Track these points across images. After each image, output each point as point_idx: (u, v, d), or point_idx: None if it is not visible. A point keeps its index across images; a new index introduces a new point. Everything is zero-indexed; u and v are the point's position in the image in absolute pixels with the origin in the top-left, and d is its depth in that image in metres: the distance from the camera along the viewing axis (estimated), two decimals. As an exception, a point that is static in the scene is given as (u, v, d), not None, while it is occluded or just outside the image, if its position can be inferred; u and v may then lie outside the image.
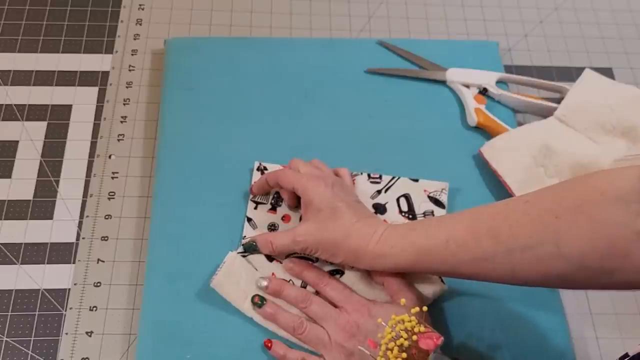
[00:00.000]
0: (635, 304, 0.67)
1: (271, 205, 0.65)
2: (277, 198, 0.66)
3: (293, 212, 0.65)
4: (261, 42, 0.79)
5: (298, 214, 0.65)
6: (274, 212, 0.65)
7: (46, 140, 0.73)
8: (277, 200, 0.66)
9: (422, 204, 0.67)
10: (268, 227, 0.65)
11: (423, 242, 0.54)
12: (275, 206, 0.65)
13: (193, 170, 0.69)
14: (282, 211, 0.65)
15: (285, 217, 0.65)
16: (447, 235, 0.53)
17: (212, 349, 0.60)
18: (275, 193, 0.66)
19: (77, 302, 0.63)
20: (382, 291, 0.60)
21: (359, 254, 0.56)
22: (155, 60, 0.79)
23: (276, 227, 0.64)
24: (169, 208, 0.66)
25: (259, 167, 0.67)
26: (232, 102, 0.74)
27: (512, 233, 0.50)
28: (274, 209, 0.65)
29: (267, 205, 0.65)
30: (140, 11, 0.82)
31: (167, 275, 0.63)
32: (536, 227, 0.49)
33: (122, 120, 0.74)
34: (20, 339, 0.61)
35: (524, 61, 0.83)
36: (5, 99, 0.75)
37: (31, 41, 0.79)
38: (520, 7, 0.88)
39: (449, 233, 0.53)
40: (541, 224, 0.48)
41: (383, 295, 0.60)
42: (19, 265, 0.65)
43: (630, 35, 0.86)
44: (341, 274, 0.62)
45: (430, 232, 0.54)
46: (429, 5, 0.86)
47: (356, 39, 0.82)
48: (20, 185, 0.70)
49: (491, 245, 0.50)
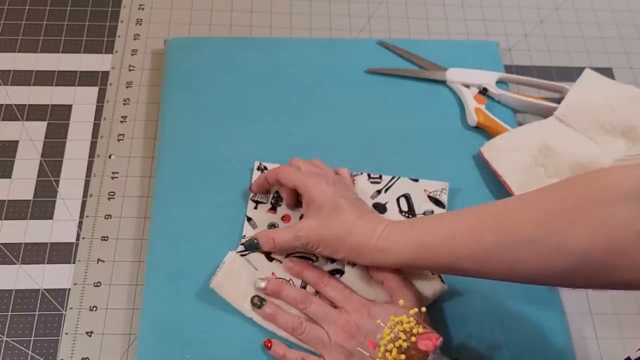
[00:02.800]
0: (635, 304, 0.67)
1: (271, 205, 0.65)
2: (277, 198, 0.66)
3: (293, 211, 0.66)
4: (261, 42, 0.79)
5: (298, 213, 0.65)
6: (274, 212, 0.65)
7: (46, 140, 0.73)
8: (277, 200, 0.66)
9: (422, 203, 0.66)
10: (268, 226, 0.65)
11: (424, 238, 0.54)
12: (275, 206, 0.65)
13: (193, 170, 0.69)
14: (282, 211, 0.65)
15: (285, 217, 0.65)
16: (449, 231, 0.53)
17: (212, 349, 0.60)
18: (275, 192, 0.66)
19: (77, 302, 0.63)
20: (382, 290, 0.60)
21: (360, 249, 0.56)
22: (155, 60, 0.79)
23: (276, 226, 0.64)
24: (169, 208, 0.66)
25: (259, 167, 0.67)
26: (232, 102, 0.74)
27: (514, 231, 0.50)
28: (274, 208, 0.65)
29: (267, 204, 0.65)
30: (140, 11, 0.82)
31: (167, 275, 0.63)
32: (538, 224, 0.49)
33: (122, 120, 0.74)
34: (20, 339, 0.61)
35: (524, 61, 0.83)
36: (5, 99, 0.75)
37: (31, 41, 0.79)
38: (520, 7, 0.88)
39: (450, 230, 0.53)
40: (543, 221, 0.48)
41: (383, 295, 0.60)
42: (19, 265, 0.65)
43: (630, 35, 0.86)
44: (341, 273, 0.62)
45: (431, 228, 0.54)
46: (429, 5, 0.86)
47: (356, 39, 0.82)
48: (20, 185, 0.70)
49: (492, 241, 0.50)
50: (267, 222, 0.65)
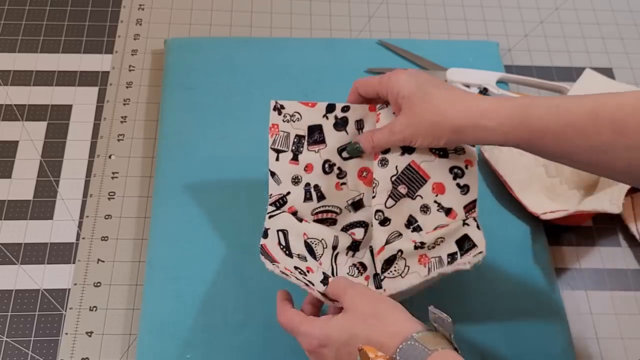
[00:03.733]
0: (635, 304, 0.67)
1: (292, 154, 0.61)
2: (298, 143, 0.61)
3: (315, 160, 0.61)
4: (261, 42, 0.79)
5: (320, 160, 0.61)
6: (296, 162, 0.61)
7: (46, 140, 0.73)
8: (298, 146, 0.61)
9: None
10: (292, 179, 0.61)
11: (538, 122, 0.50)
12: (297, 153, 0.61)
13: (193, 170, 0.69)
14: (304, 160, 0.61)
15: (307, 167, 0.61)
16: (566, 119, 0.49)
17: (212, 349, 0.60)
18: (295, 137, 0.61)
19: (77, 302, 0.63)
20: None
21: (460, 128, 0.53)
22: (155, 60, 0.79)
23: (300, 179, 0.61)
24: (169, 208, 0.66)
25: (276, 107, 0.62)
26: (232, 102, 0.74)
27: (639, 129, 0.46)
28: (296, 158, 0.61)
29: (289, 152, 0.61)
30: (140, 11, 0.82)
31: (167, 275, 0.63)
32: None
33: (122, 120, 0.74)
34: (20, 339, 0.61)
35: (524, 61, 0.83)
36: (5, 99, 0.75)
37: (31, 41, 0.79)
38: (521, 7, 0.88)
39: (568, 117, 0.49)
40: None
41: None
42: (19, 265, 0.65)
43: (630, 35, 0.86)
44: (365, 226, 0.59)
45: (548, 112, 0.50)
46: (429, 5, 0.86)
47: (356, 39, 0.82)
48: (20, 185, 0.70)
49: (612, 138, 0.47)
50: (290, 175, 0.61)
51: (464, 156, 0.58)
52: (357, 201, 0.61)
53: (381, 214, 0.59)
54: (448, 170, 0.58)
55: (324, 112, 0.60)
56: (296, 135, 0.61)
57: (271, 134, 0.60)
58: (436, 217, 0.58)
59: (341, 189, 0.61)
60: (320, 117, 0.60)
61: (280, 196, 0.59)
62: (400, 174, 0.59)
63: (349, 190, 0.61)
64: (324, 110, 0.60)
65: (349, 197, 0.61)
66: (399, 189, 0.59)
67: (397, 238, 0.59)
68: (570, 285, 0.68)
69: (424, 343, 0.45)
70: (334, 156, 0.60)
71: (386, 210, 0.59)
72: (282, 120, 0.60)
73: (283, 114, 0.60)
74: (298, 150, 0.61)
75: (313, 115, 0.60)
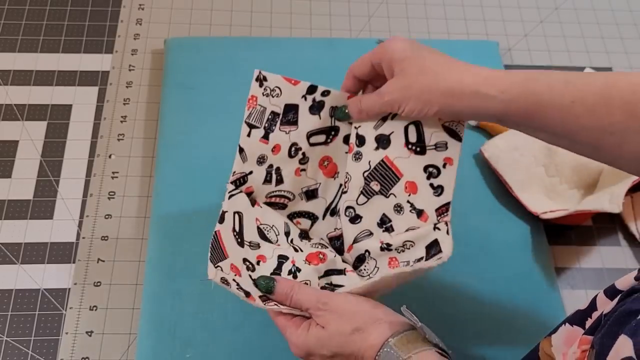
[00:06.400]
0: (635, 304, 0.67)
1: (264, 131, 0.59)
2: (272, 121, 0.59)
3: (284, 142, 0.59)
4: (261, 42, 0.79)
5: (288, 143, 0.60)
6: (266, 140, 0.59)
7: (46, 140, 0.73)
8: (271, 124, 0.59)
9: (435, 134, 0.56)
10: (257, 158, 0.59)
11: (543, 94, 0.47)
12: (268, 132, 0.59)
13: (193, 170, 0.69)
14: (274, 140, 0.59)
15: (275, 148, 0.59)
16: (575, 94, 0.46)
17: (212, 349, 0.60)
18: (270, 114, 0.59)
19: (77, 302, 0.63)
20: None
21: (455, 92, 0.49)
22: (155, 60, 0.79)
23: (264, 159, 0.59)
24: (169, 208, 0.66)
25: (259, 77, 0.60)
26: (232, 102, 0.73)
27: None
28: (267, 136, 0.59)
29: (261, 129, 0.59)
30: (140, 11, 0.82)
31: (167, 274, 0.63)
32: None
33: (122, 120, 0.74)
34: (20, 339, 0.61)
35: (524, 61, 0.83)
36: (5, 99, 0.75)
37: (31, 41, 0.79)
38: (521, 7, 0.88)
39: (577, 92, 0.46)
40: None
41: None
42: (19, 265, 0.65)
43: (630, 35, 0.86)
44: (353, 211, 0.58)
45: (555, 85, 0.47)
46: (428, 5, 0.86)
47: (356, 38, 0.82)
48: (20, 185, 0.70)
49: (623, 120, 0.44)
50: (257, 154, 0.59)
51: (443, 153, 0.54)
52: (312, 190, 0.60)
53: (352, 211, 0.58)
54: (422, 169, 0.55)
55: (304, 93, 0.58)
56: (272, 112, 0.59)
57: (248, 106, 0.58)
58: (408, 218, 0.56)
59: (299, 175, 0.59)
60: (299, 97, 0.58)
61: (243, 175, 0.58)
62: (372, 169, 0.57)
63: (306, 178, 0.59)
64: (304, 90, 0.58)
65: (305, 185, 0.59)
66: (371, 185, 0.57)
67: (366, 237, 0.57)
68: (570, 284, 0.68)
69: (398, 350, 0.46)
70: (302, 140, 0.59)
71: (357, 207, 0.58)
72: (262, 93, 0.58)
73: (264, 86, 0.58)
74: (270, 129, 0.59)
75: (293, 94, 0.58)
